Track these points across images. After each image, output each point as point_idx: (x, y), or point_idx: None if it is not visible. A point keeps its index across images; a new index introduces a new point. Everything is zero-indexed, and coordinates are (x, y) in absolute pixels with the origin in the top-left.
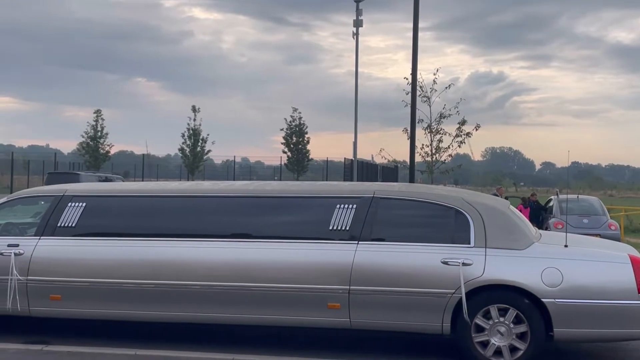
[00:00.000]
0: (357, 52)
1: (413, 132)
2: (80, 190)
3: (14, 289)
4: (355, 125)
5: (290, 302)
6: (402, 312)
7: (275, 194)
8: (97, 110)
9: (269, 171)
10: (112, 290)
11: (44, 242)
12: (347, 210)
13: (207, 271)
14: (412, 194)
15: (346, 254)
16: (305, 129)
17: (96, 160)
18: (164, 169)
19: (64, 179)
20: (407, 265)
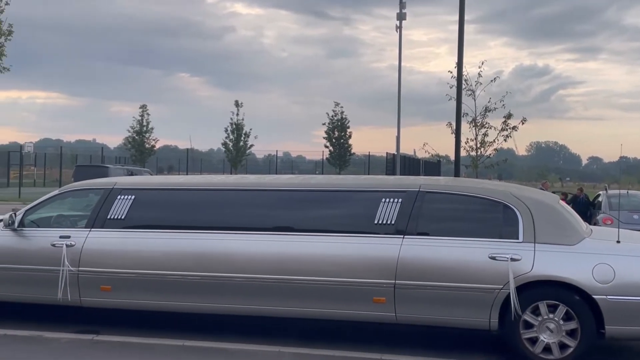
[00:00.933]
0: (400, 45)
1: (458, 125)
2: (129, 183)
3: (65, 280)
4: (398, 120)
5: (335, 296)
6: (448, 307)
7: (321, 188)
8: (143, 105)
9: (311, 165)
10: (159, 282)
11: (95, 234)
12: (393, 204)
13: (252, 264)
14: (458, 188)
15: (392, 248)
16: (347, 124)
17: (141, 154)
18: (207, 164)
19: (91, 171)
20: (454, 260)
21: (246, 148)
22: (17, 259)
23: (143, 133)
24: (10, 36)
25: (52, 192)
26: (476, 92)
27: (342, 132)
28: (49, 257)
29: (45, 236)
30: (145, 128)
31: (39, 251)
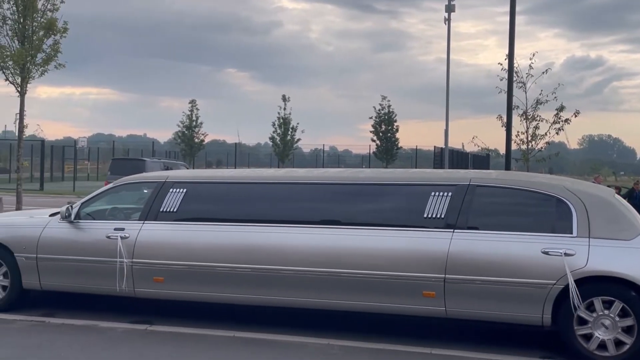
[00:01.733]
0: (448, 37)
1: (509, 118)
2: (180, 177)
3: (120, 271)
4: (446, 113)
5: (384, 290)
6: (500, 302)
7: (369, 182)
8: (192, 100)
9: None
10: (210, 274)
11: (148, 226)
12: (443, 198)
13: (301, 257)
14: (510, 182)
15: (441, 242)
16: (394, 117)
17: (191, 149)
18: (255, 158)
19: (127, 165)
20: (505, 254)
21: (293, 142)
22: (73, 250)
23: (192, 128)
24: (65, 33)
25: (107, 185)
26: (527, 85)
27: (389, 125)
28: (104, 248)
29: (100, 228)
30: (194, 123)
31: (94, 243)
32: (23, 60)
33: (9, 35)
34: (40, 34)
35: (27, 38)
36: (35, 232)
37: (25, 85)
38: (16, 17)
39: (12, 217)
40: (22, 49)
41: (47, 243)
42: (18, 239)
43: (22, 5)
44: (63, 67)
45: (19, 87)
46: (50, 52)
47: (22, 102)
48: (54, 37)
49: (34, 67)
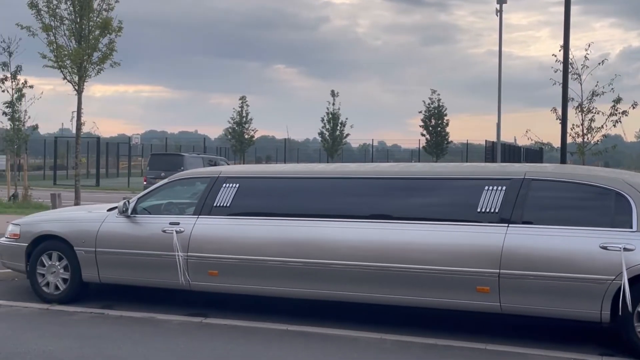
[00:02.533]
0: (500, 29)
1: (565, 111)
2: (233, 172)
3: (176, 265)
4: (498, 106)
5: (437, 284)
6: (556, 298)
7: (422, 176)
8: (242, 96)
9: (406, 154)
10: (262, 267)
11: (202, 220)
12: (497, 192)
13: (353, 251)
14: (567, 175)
15: (496, 236)
16: (444, 111)
17: (241, 144)
18: (304, 153)
19: (166, 160)
20: (562, 249)
21: (342, 137)
22: (130, 244)
23: (242, 124)
24: (120, 32)
25: (162, 181)
26: (582, 76)
27: (438, 119)
28: (160, 242)
29: (156, 223)
30: (244, 119)
31: (150, 237)
32: (80, 59)
33: (66, 35)
34: (96, 33)
35: (84, 37)
36: (94, 227)
37: (82, 84)
38: (73, 17)
39: (71, 212)
40: (79, 48)
41: (105, 237)
42: (78, 233)
43: (79, 6)
44: (118, 65)
45: (77, 85)
46: (105, 50)
47: (80, 100)
48: (109, 36)
49: (91, 65)
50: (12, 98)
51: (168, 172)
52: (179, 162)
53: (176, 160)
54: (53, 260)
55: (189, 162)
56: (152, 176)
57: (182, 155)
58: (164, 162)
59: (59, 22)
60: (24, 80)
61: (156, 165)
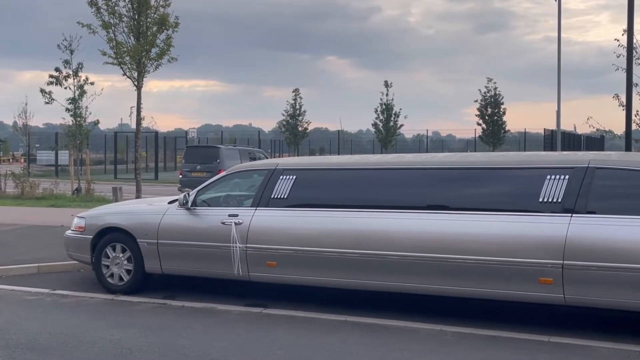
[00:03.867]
0: (559, 13)
1: (630, 96)
2: (290, 164)
3: (236, 256)
4: (558, 93)
5: (498, 276)
6: (621, 289)
7: (480, 166)
8: (296, 89)
9: (462, 144)
10: (320, 259)
11: (260, 212)
12: (559, 182)
13: (410, 242)
14: (632, 163)
15: (559, 227)
16: (501, 100)
17: (295, 137)
18: (357, 145)
19: (201, 152)
20: (628, 240)
21: (396, 128)
22: (191, 236)
23: (296, 116)
24: (177, 28)
25: (220, 174)
26: None
27: (495, 108)
28: (219, 234)
29: (215, 215)
30: (298, 111)
31: (210, 229)
32: (139, 55)
33: (125, 32)
34: (153, 29)
35: (142, 34)
36: (156, 219)
37: (141, 80)
38: (131, 14)
39: (133, 205)
40: (137, 45)
41: (166, 229)
42: (140, 226)
43: (137, 2)
44: (175, 60)
45: (136, 81)
46: (163, 46)
47: (139, 95)
48: (166, 32)
49: (149, 61)
50: (74, 95)
51: (204, 165)
52: (215, 155)
53: (212, 153)
54: (117, 252)
55: (224, 154)
56: (187, 169)
57: (218, 148)
58: (200, 155)
59: (117, 19)
60: (85, 77)
61: (191, 158)
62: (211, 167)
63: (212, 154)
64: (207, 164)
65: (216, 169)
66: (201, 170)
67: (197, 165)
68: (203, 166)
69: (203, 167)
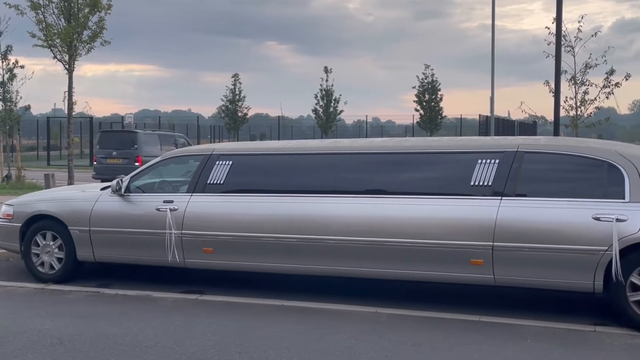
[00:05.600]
0: (493, 2)
1: (558, 83)
2: (227, 149)
3: (170, 243)
4: (492, 79)
5: (431, 258)
6: (549, 269)
7: (415, 150)
8: (235, 74)
9: (400, 130)
10: (257, 244)
11: (196, 198)
12: (490, 165)
13: (347, 226)
14: (559, 148)
15: (489, 209)
16: (438, 86)
17: (235, 122)
18: (298, 130)
19: (117, 137)
20: (555, 221)
21: (336, 114)
22: (124, 223)
23: (236, 102)
24: (109, 10)
25: (155, 159)
26: (575, 49)
27: (432, 95)
28: (154, 220)
29: (149, 201)
30: (237, 97)
31: (144, 215)
32: (70, 38)
33: (55, 14)
34: (85, 11)
35: (73, 15)
36: (88, 206)
37: (72, 63)
38: None
39: (65, 192)
40: (68, 27)
41: (99, 216)
42: (71, 213)
43: None
44: (109, 43)
45: (67, 64)
46: (95, 29)
47: (71, 79)
48: (99, 14)
49: (81, 44)
50: (3, 78)
51: (120, 152)
52: (132, 140)
53: (129, 138)
54: (47, 240)
55: (143, 139)
56: (102, 155)
57: (136, 132)
58: (116, 140)
59: (47, 0)
60: (14, 61)
61: (107, 143)
62: (128, 153)
63: (129, 139)
64: (123, 150)
65: (134, 155)
66: (117, 156)
67: (113, 152)
68: (119, 152)
69: (119, 153)
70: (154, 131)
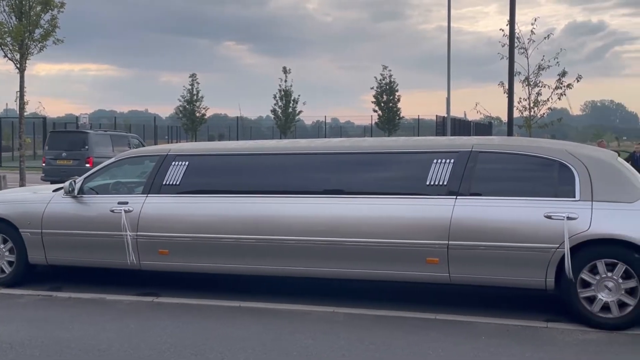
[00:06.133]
0: (449, 4)
1: (511, 84)
2: (183, 149)
3: (125, 244)
4: (448, 81)
5: (388, 257)
6: (503, 267)
7: (372, 150)
8: (193, 74)
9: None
10: (214, 245)
11: (151, 199)
12: (445, 165)
13: (305, 227)
14: (512, 147)
15: (444, 209)
16: (396, 87)
17: (192, 123)
18: (257, 131)
19: (67, 138)
20: (508, 219)
21: (295, 114)
22: (77, 225)
23: (193, 102)
24: (62, 8)
25: (109, 160)
26: (529, 51)
27: (390, 95)
28: (108, 222)
29: (103, 202)
30: (195, 97)
31: (98, 217)
32: (21, 36)
33: (5, 12)
34: (37, 9)
35: (25, 14)
36: (40, 208)
37: (24, 62)
38: None
39: (16, 194)
40: (19, 25)
41: (51, 218)
42: (23, 215)
43: None
44: (61, 42)
45: (18, 63)
46: (48, 27)
47: (22, 78)
48: (51, 12)
49: (32, 42)
50: None
51: (70, 152)
52: (83, 141)
53: (79, 139)
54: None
55: (94, 140)
56: (51, 157)
57: (86, 133)
58: (65, 140)
59: None
60: None
61: (56, 144)
62: (79, 154)
63: (79, 140)
64: (73, 151)
65: (84, 156)
66: (67, 157)
67: (63, 153)
68: (69, 153)
69: (69, 154)
70: (105, 132)
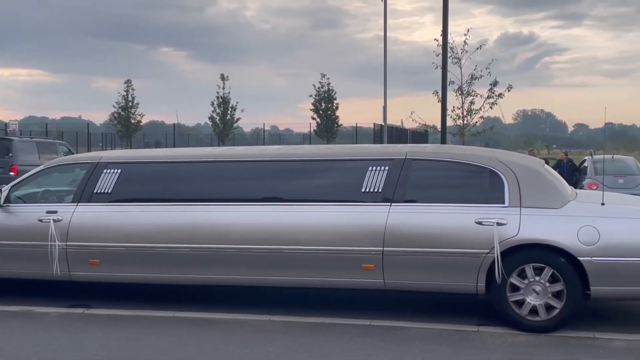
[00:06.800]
0: (385, 14)
1: (444, 93)
2: (115, 157)
3: (54, 255)
4: (384, 89)
5: (324, 264)
6: (436, 272)
7: (308, 158)
8: (128, 80)
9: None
10: (148, 255)
11: (82, 208)
12: (379, 173)
13: (241, 235)
14: (444, 155)
15: (379, 215)
16: (334, 95)
17: (128, 130)
18: (195, 138)
19: None
20: (441, 226)
21: (233, 122)
22: (3, 235)
23: (128, 109)
24: None
25: (37, 167)
26: (462, 61)
27: (328, 103)
28: (36, 232)
29: (31, 212)
30: (130, 103)
31: (26, 227)
32: None
33: None
34: None
35: None
36: None
37: None
38: None
39: None
40: None
41: None
42: None
43: None
44: None
45: None
46: None
47: None
48: None
49: None
50: None
51: None
52: (6, 148)
53: (3, 146)
54: None
55: (18, 147)
56: None
57: (10, 140)
58: None
59: None
60: None
61: None
62: (2, 162)
63: (3, 147)
64: None
65: (8, 164)
66: None
67: None
68: None
69: None
70: (32, 138)
